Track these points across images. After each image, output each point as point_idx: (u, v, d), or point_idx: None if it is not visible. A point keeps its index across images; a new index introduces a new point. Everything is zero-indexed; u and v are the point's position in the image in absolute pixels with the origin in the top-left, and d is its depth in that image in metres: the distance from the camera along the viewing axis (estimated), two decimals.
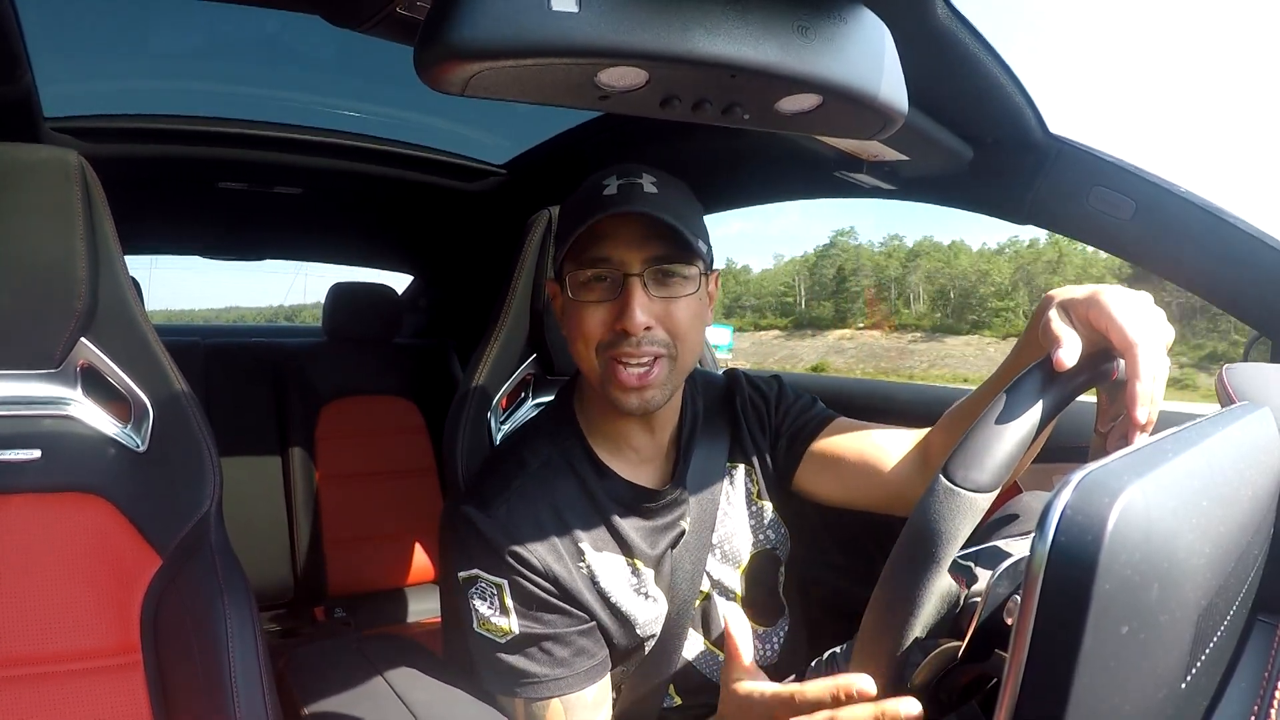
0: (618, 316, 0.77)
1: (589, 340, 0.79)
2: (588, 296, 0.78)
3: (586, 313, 0.78)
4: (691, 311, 0.80)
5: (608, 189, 0.78)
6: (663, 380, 0.79)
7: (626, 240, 0.77)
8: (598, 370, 0.80)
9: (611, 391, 0.79)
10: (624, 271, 0.77)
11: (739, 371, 1.02)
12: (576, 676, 0.80)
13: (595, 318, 0.78)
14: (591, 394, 0.87)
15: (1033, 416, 0.51)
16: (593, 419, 0.88)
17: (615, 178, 0.79)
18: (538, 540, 0.80)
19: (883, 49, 0.56)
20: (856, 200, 1.39)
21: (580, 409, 0.89)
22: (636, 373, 0.78)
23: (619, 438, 0.87)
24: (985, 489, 0.49)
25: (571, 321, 0.80)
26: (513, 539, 0.79)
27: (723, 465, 0.93)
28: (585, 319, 0.78)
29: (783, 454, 0.95)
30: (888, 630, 0.51)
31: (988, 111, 0.95)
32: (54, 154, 0.83)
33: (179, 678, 0.81)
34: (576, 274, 0.78)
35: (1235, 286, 0.93)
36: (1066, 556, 0.36)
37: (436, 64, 0.45)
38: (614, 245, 0.77)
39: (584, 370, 0.83)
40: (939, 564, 0.49)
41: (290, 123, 1.64)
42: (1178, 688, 0.41)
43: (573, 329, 0.80)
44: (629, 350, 0.77)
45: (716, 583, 0.91)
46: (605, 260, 0.77)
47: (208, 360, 1.93)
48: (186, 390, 0.89)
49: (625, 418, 0.85)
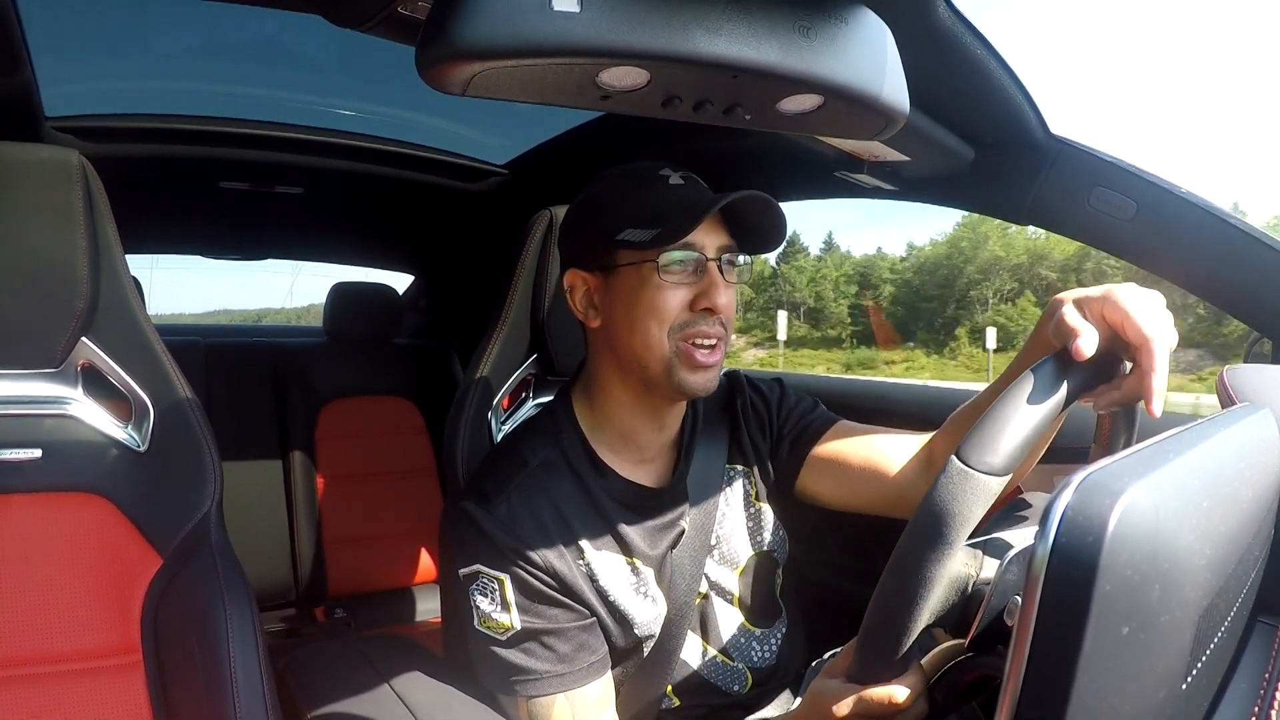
0: (697, 298, 0.79)
1: (665, 320, 0.79)
2: (669, 279, 0.79)
3: (669, 294, 0.79)
4: (735, 303, 0.84)
5: (672, 179, 0.81)
6: (721, 363, 0.82)
7: (706, 228, 0.80)
8: (667, 352, 0.80)
9: (681, 372, 0.80)
10: (707, 256, 0.80)
11: (739, 372, 1.01)
12: (579, 672, 0.80)
13: (676, 298, 0.79)
14: (609, 389, 0.86)
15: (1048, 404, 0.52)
16: (598, 417, 0.87)
17: (669, 169, 0.82)
18: (538, 536, 0.80)
19: (884, 49, 0.57)
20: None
21: (583, 408, 0.89)
22: (709, 351, 0.80)
23: (626, 436, 0.87)
24: (998, 471, 0.49)
25: (646, 304, 0.80)
26: (513, 534, 0.79)
27: (722, 466, 0.93)
28: (667, 300, 0.79)
29: (784, 457, 0.95)
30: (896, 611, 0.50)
31: (988, 112, 0.95)
32: (55, 154, 0.83)
33: (179, 678, 0.81)
34: (665, 255, 0.79)
35: (1235, 287, 0.93)
36: (1067, 557, 0.36)
37: (438, 64, 0.46)
38: (699, 231, 0.79)
39: (646, 354, 0.81)
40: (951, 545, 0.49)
41: (291, 122, 1.64)
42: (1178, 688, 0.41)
43: (649, 310, 0.80)
44: (705, 329, 0.79)
45: (714, 584, 0.90)
46: (691, 245, 0.79)
47: (208, 360, 1.93)
48: (187, 390, 0.89)
49: (639, 413, 0.85)
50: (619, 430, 0.87)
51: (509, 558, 0.79)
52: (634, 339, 0.81)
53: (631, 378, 0.83)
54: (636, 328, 0.80)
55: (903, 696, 0.55)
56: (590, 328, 0.85)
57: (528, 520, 0.80)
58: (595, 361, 0.87)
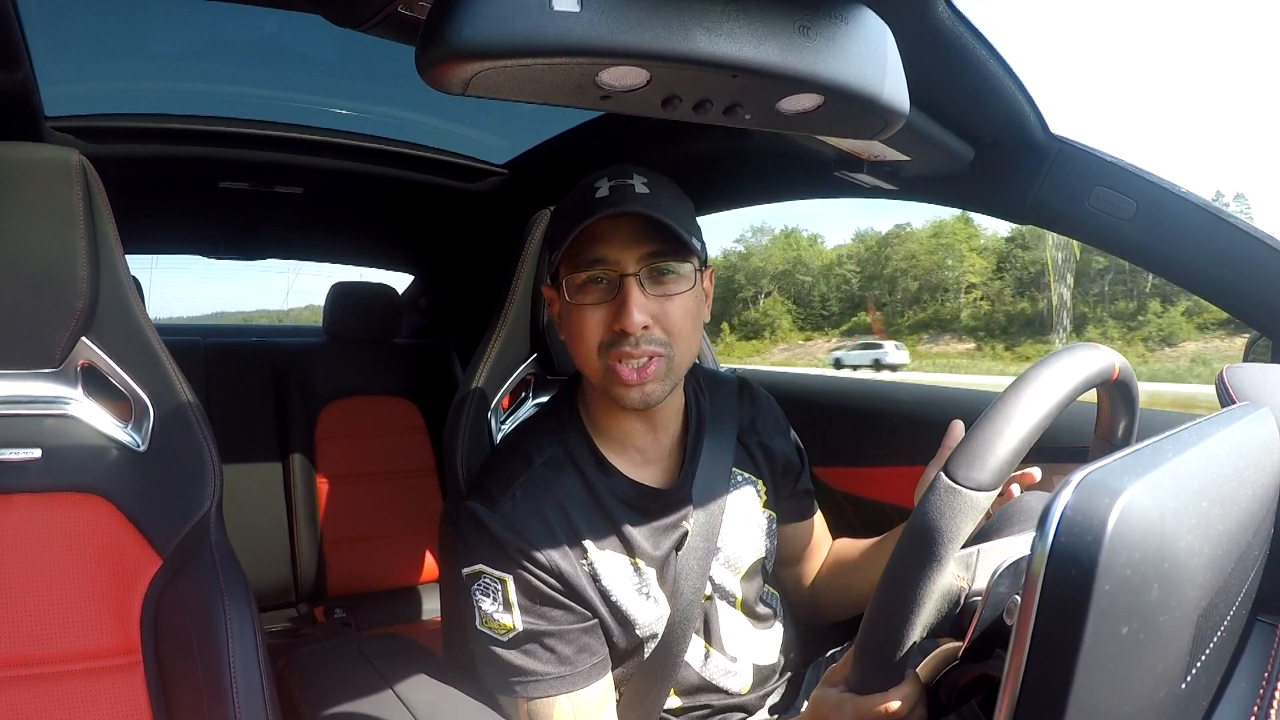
0: (615, 316, 0.77)
1: (588, 342, 0.79)
2: (585, 299, 0.78)
3: (585, 315, 0.78)
4: (687, 309, 0.80)
5: (599, 191, 0.78)
6: (661, 375, 0.80)
7: (621, 241, 0.77)
8: (599, 371, 0.80)
9: (613, 389, 0.80)
10: (620, 272, 0.77)
11: (755, 384, 1.02)
12: (580, 674, 0.80)
13: (594, 319, 0.78)
14: (594, 394, 0.87)
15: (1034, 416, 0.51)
16: (596, 418, 0.88)
17: (606, 179, 0.79)
18: (542, 536, 0.80)
19: (884, 49, 0.56)
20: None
21: (584, 408, 0.89)
22: (635, 367, 0.78)
23: (623, 438, 0.87)
24: (986, 487, 0.49)
25: (571, 325, 0.81)
26: (517, 534, 0.79)
27: (729, 470, 0.92)
28: (584, 321, 0.79)
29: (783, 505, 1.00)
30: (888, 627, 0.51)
31: (988, 111, 0.95)
32: (55, 153, 0.83)
33: (179, 678, 0.81)
34: (573, 277, 0.79)
35: (1235, 287, 0.93)
36: (1067, 557, 0.36)
37: (438, 63, 0.45)
38: (608, 246, 0.77)
39: (586, 373, 0.83)
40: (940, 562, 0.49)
41: (291, 122, 1.64)
42: (1178, 688, 0.41)
43: (572, 332, 0.81)
44: (628, 350, 0.77)
45: (718, 587, 0.90)
46: (600, 261, 0.77)
47: (208, 360, 1.93)
48: (187, 390, 0.89)
49: (628, 417, 0.85)
50: (615, 434, 0.87)
51: (513, 558, 0.79)
52: (574, 355, 0.83)
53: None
54: (572, 346, 0.82)
55: (900, 705, 0.55)
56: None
57: (532, 520, 0.80)
58: None
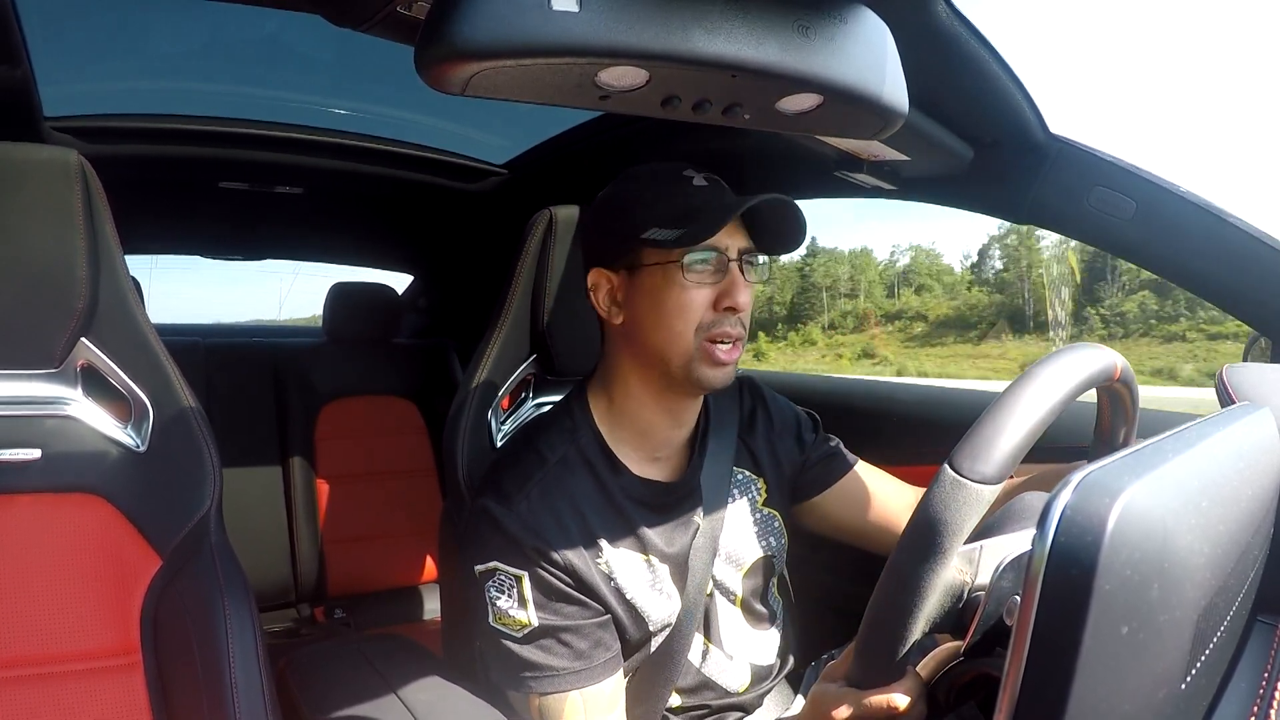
0: (720, 297, 0.81)
1: (689, 320, 0.81)
2: (694, 279, 0.80)
3: (692, 294, 0.80)
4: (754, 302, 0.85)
5: (696, 180, 0.82)
6: (738, 359, 0.84)
7: (729, 230, 0.81)
8: (690, 349, 0.81)
9: (701, 369, 0.81)
10: (729, 257, 0.81)
11: (759, 383, 1.02)
12: (594, 669, 0.80)
13: (700, 298, 0.81)
14: (629, 385, 0.86)
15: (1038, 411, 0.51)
16: (616, 414, 0.88)
17: (692, 170, 0.83)
18: (558, 534, 0.80)
19: (883, 49, 0.57)
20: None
21: (600, 406, 0.89)
22: (729, 348, 0.82)
23: (644, 432, 0.87)
24: (991, 480, 0.49)
25: (669, 303, 0.81)
26: (533, 532, 0.80)
27: (730, 467, 0.93)
28: (691, 300, 0.80)
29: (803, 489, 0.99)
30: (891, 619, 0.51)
31: (988, 111, 0.96)
32: (54, 154, 0.83)
33: (179, 678, 0.81)
34: (687, 257, 0.80)
35: (1235, 286, 0.93)
36: (1067, 556, 0.36)
37: (437, 63, 0.46)
38: (722, 233, 0.80)
39: (670, 350, 0.82)
40: (944, 554, 0.49)
41: (291, 122, 1.64)
42: (1178, 688, 0.41)
43: (671, 308, 0.81)
44: (728, 330, 0.81)
45: (719, 584, 0.91)
46: (714, 246, 0.80)
47: (208, 360, 1.93)
48: (187, 390, 0.89)
49: (659, 409, 0.86)
50: (637, 427, 0.87)
51: (529, 556, 0.79)
52: (658, 335, 0.82)
53: (652, 373, 0.84)
54: (662, 325, 0.82)
55: (901, 701, 0.55)
56: (612, 325, 0.86)
57: (548, 518, 0.81)
58: (614, 358, 0.88)
